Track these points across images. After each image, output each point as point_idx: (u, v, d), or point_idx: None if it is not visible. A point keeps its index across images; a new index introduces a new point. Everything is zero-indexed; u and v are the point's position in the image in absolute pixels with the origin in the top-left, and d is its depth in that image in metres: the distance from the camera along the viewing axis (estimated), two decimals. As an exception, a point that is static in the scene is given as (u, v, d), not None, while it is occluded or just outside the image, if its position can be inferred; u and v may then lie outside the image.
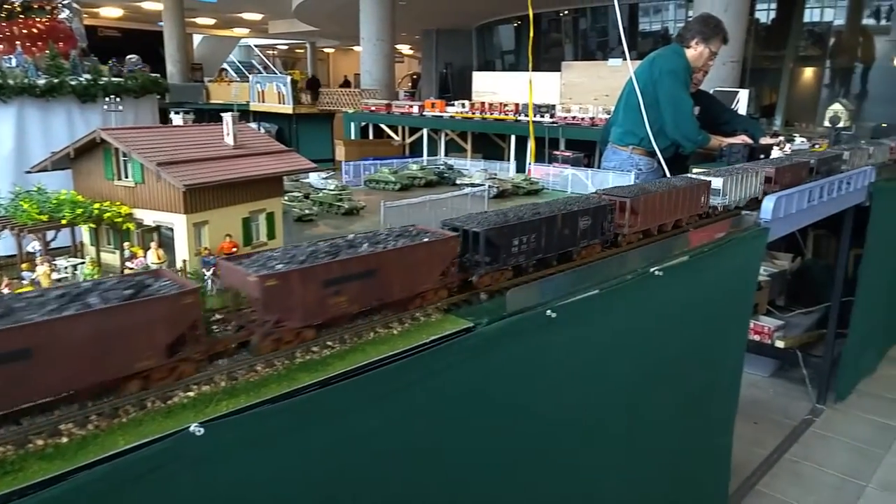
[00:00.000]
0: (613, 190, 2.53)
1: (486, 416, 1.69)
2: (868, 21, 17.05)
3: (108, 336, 1.16)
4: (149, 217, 1.81)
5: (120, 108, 2.54)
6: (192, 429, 1.12)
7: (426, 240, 1.70)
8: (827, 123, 5.29)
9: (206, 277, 1.78)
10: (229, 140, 1.99)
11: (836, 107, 5.26)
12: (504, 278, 1.94)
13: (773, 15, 18.14)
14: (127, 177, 1.79)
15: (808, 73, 17.68)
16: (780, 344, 4.93)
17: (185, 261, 1.79)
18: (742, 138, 4.66)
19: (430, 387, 1.52)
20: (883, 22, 16.84)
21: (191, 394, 1.23)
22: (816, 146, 5.14)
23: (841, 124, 5.18)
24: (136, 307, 1.20)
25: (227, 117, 2.00)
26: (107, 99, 2.53)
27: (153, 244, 1.79)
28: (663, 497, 2.67)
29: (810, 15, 17.52)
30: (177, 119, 2.57)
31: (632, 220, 2.36)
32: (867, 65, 16.97)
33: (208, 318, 1.47)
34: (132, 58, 5.05)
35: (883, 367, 5.37)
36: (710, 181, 2.83)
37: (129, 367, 1.20)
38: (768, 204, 2.99)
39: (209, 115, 12.32)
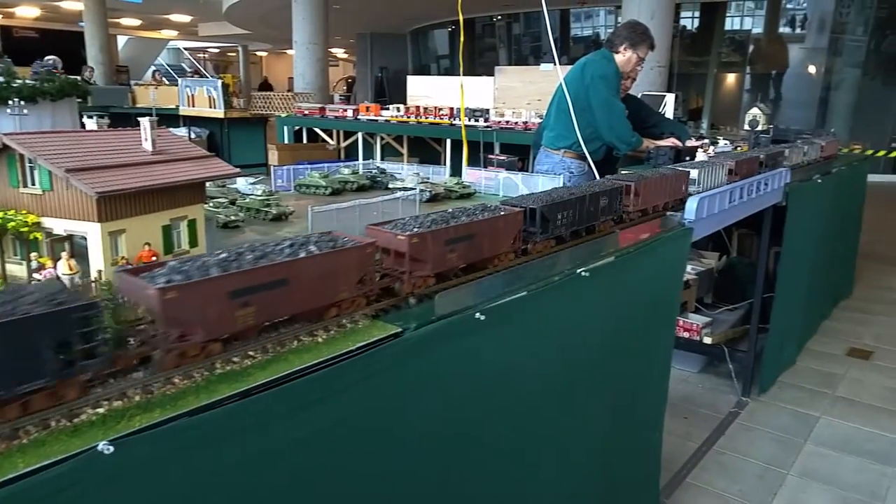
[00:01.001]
0: (620, 176, 3.06)
1: (415, 421, 1.68)
2: (784, 29, 17.76)
3: (327, 272, 1.58)
4: (59, 226, 1.73)
5: (25, 111, 2.42)
6: (100, 447, 1.06)
7: (503, 213, 2.15)
8: (746, 127, 5.47)
9: (123, 287, 1.71)
10: (147, 145, 1.93)
11: (755, 111, 5.45)
12: (550, 246, 2.40)
13: (696, 22, 18.69)
14: (34, 184, 1.71)
15: (731, 78, 18.32)
16: (707, 340, 5.05)
17: (100, 271, 1.72)
18: (672, 141, 4.78)
19: (358, 395, 1.50)
20: (798, 30, 17.57)
21: (100, 410, 1.17)
22: (738, 148, 5.31)
23: (759, 127, 5.37)
24: (344, 252, 1.64)
25: (145, 122, 1.94)
26: (10, 102, 2.41)
27: (64, 254, 1.72)
28: (595, 494, 2.70)
29: (731, 23, 18.15)
30: (90, 123, 2.47)
31: (635, 200, 2.86)
32: (784, 71, 17.68)
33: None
34: (49, 59, 4.85)
35: (802, 360, 5.57)
36: (689, 171, 3.38)
37: (334, 296, 1.62)
38: (692, 205, 3.06)
39: (136, 119, 11.90)
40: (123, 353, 1.27)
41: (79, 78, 4.98)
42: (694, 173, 3.37)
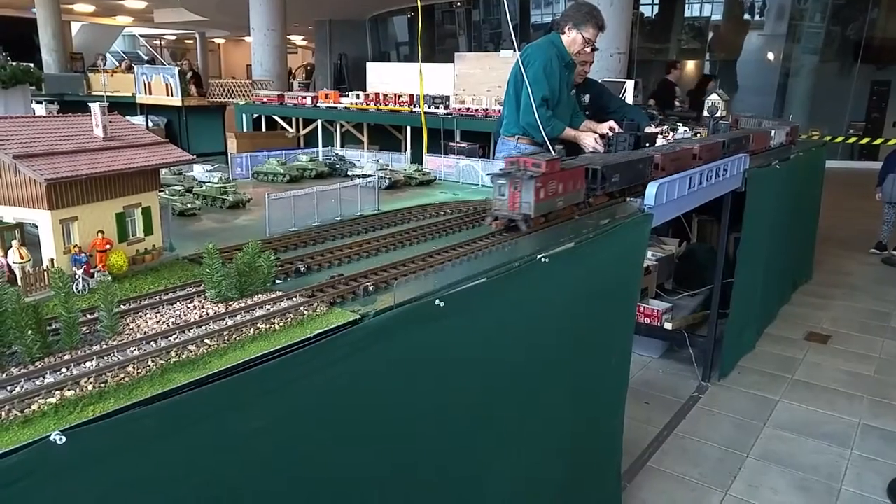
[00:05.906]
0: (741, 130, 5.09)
1: (374, 409, 1.67)
2: (744, 16, 17.98)
3: (680, 156, 3.55)
4: (8, 214, 1.69)
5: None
6: (52, 437, 1.04)
7: (752, 135, 4.12)
8: (706, 113, 5.54)
9: (76, 277, 1.68)
10: (98, 131, 1.88)
11: (714, 97, 5.52)
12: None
13: (656, 9, 18.81)
14: (-19, 171, 1.66)
15: (690, 65, 18.50)
16: (668, 326, 5.12)
17: (52, 259, 1.68)
18: (609, 124, 4.71)
19: (316, 382, 1.48)
20: (757, 17, 17.79)
21: (52, 400, 1.14)
22: (698, 134, 5.38)
23: (718, 114, 5.44)
24: (687, 149, 3.70)
25: (96, 107, 1.89)
26: (-42, 90, 2.34)
27: (15, 242, 1.67)
28: (556, 479, 2.72)
29: (691, 10, 18.31)
30: (39, 109, 2.40)
31: (752, 146, 4.60)
32: (743, 58, 17.93)
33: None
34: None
35: (761, 344, 5.69)
36: (772, 131, 5.23)
37: (692, 164, 3.66)
38: (651, 190, 3.09)
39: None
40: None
41: (31, 65, 4.83)
42: (772, 133, 5.06)
